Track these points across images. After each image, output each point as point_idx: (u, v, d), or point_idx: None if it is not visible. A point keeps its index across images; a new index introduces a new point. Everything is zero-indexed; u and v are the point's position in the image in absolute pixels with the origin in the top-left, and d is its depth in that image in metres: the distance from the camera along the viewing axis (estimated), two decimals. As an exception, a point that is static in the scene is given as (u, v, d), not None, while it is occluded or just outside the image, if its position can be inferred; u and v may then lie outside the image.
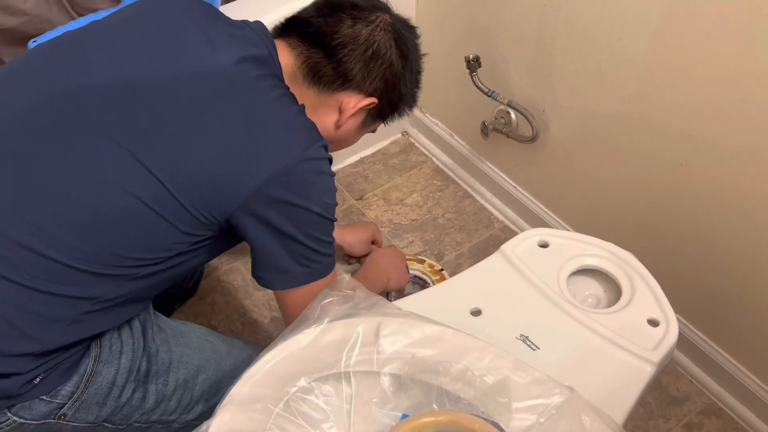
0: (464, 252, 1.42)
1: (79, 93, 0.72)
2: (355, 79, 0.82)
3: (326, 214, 0.77)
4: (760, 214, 0.94)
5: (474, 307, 0.85)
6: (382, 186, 1.56)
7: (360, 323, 0.72)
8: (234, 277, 1.37)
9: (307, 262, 0.79)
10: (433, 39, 1.45)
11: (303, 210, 0.74)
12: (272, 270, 0.79)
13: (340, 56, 0.80)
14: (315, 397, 0.68)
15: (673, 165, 1.03)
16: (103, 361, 0.77)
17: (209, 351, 0.89)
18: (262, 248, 0.76)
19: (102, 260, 0.71)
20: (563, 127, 1.22)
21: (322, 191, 0.76)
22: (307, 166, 0.73)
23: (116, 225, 0.70)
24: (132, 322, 0.83)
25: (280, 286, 0.80)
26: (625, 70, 1.03)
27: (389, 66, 0.83)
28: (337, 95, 0.83)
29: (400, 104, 0.90)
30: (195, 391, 0.86)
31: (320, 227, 0.78)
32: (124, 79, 0.73)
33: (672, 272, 1.11)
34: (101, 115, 0.71)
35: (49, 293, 0.69)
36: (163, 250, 0.74)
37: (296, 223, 0.75)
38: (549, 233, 0.94)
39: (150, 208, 0.70)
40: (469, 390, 0.67)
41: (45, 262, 0.68)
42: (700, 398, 1.18)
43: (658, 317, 0.83)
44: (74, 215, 0.69)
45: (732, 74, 0.88)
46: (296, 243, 0.76)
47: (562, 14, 1.09)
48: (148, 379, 0.81)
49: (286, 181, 0.72)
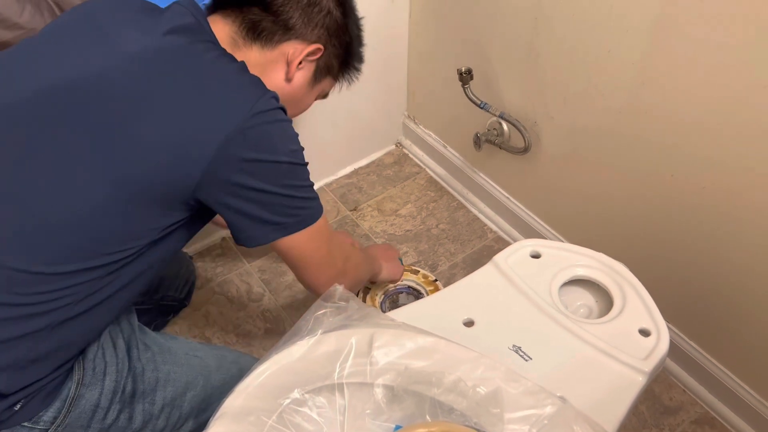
0: (458, 262, 1.42)
1: (30, 99, 0.71)
2: (295, 27, 0.81)
3: (295, 160, 0.75)
4: (750, 223, 0.95)
5: (467, 318, 0.85)
6: (376, 197, 1.57)
7: (353, 334, 0.72)
8: (228, 288, 1.38)
9: (293, 210, 0.77)
10: (426, 52, 1.46)
11: (270, 164, 0.72)
12: (260, 225, 0.76)
13: (277, 6, 0.80)
14: (308, 408, 0.68)
15: (664, 176, 1.04)
16: (86, 384, 0.76)
17: (197, 367, 0.87)
18: (241, 212, 0.74)
19: (70, 260, 0.69)
20: (555, 139, 1.23)
21: (284, 139, 0.74)
22: (260, 119, 0.71)
23: (84, 222, 0.69)
24: (116, 341, 0.81)
25: (273, 236, 0.77)
26: (616, 82, 1.04)
27: (328, 13, 0.83)
28: (280, 47, 0.81)
29: (348, 57, 0.89)
30: (183, 409, 0.85)
31: (294, 175, 0.76)
32: (65, 79, 0.72)
33: (664, 282, 1.12)
34: (49, 117, 0.70)
35: (10, 305, 0.68)
36: (135, 239, 0.72)
37: (268, 179, 0.73)
38: (541, 244, 0.95)
39: (115, 199, 0.69)
40: (461, 401, 0.67)
41: (7, 272, 0.67)
42: (693, 408, 1.18)
43: (649, 327, 0.83)
44: (41, 220, 0.68)
45: (721, 86, 0.89)
46: (275, 196, 0.74)
47: (553, 27, 1.10)
48: (134, 399, 0.80)
49: (243, 138, 0.69)
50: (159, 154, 0.69)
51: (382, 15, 1.39)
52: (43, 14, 1.20)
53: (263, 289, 1.38)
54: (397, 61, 1.52)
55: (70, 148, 0.69)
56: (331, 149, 1.57)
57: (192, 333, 1.29)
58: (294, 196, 0.76)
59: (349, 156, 1.65)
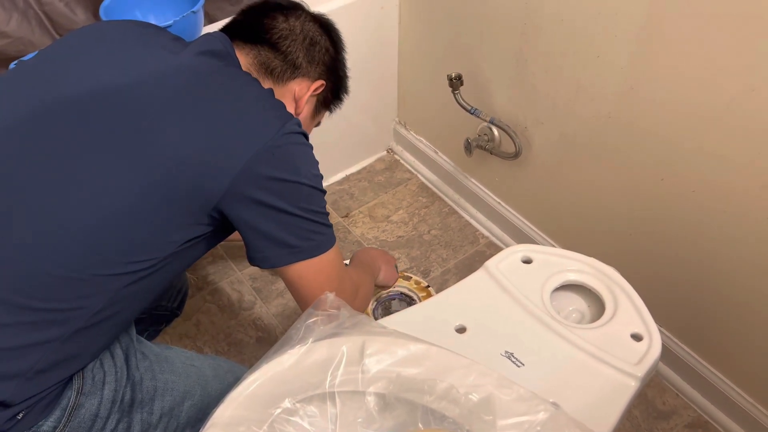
0: (450, 268, 1.42)
1: (52, 108, 0.73)
2: (301, 66, 0.87)
3: (316, 185, 0.78)
4: (740, 226, 0.96)
5: (459, 325, 0.85)
6: (368, 203, 1.57)
7: (344, 342, 0.72)
8: (219, 297, 1.37)
9: (309, 234, 0.78)
10: (416, 58, 1.47)
11: (293, 184, 0.75)
12: (275, 246, 0.77)
13: (284, 47, 0.86)
14: (300, 418, 0.68)
15: (654, 179, 1.05)
16: (85, 393, 0.75)
17: (194, 376, 0.87)
18: (259, 231, 0.75)
19: (93, 266, 0.70)
20: (545, 144, 1.23)
21: (308, 163, 0.77)
22: (289, 139, 0.74)
23: (111, 229, 0.70)
24: (114, 351, 0.81)
25: (287, 260, 0.78)
26: (604, 87, 1.04)
27: (326, 51, 0.90)
28: (288, 85, 0.87)
29: (339, 90, 0.96)
30: (181, 419, 0.85)
31: (313, 199, 0.78)
32: (94, 89, 0.73)
33: (655, 286, 1.12)
34: (78, 126, 0.71)
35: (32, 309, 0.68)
36: (157, 250, 0.73)
37: (289, 199, 0.74)
38: (532, 249, 0.94)
39: (142, 208, 0.70)
40: (454, 408, 0.67)
41: (42, 276, 0.68)
42: (686, 412, 1.18)
43: (641, 332, 0.83)
44: (69, 225, 0.69)
45: (709, 89, 0.90)
46: (293, 217, 0.75)
47: (542, 33, 1.10)
48: (133, 408, 0.79)
49: (271, 156, 0.72)
50: (188, 165, 0.70)
51: (372, 22, 1.40)
52: (30, 23, 1.19)
53: (255, 297, 1.37)
54: (387, 67, 1.52)
55: (102, 155, 0.70)
56: (322, 156, 1.54)
57: (183, 343, 1.28)
58: (312, 219, 0.77)
59: (341, 162, 1.65)
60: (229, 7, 1.35)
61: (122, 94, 0.73)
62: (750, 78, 0.84)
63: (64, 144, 0.71)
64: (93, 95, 0.73)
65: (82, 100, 0.73)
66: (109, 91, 0.73)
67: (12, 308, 0.68)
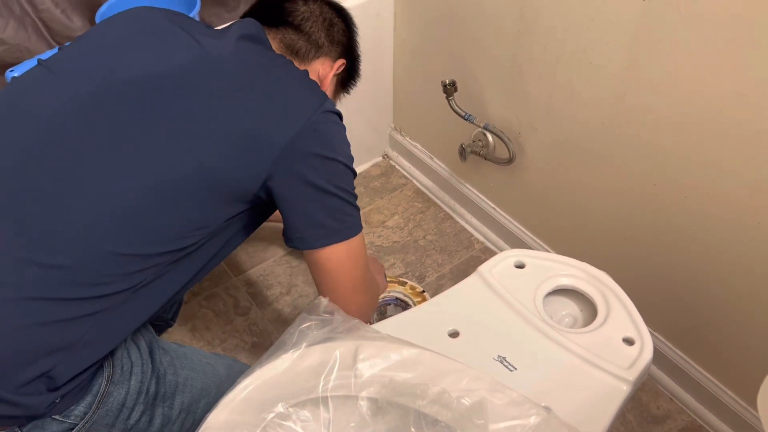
0: (445, 273, 1.43)
1: (112, 90, 0.76)
2: (324, 45, 0.92)
3: (350, 165, 0.81)
4: (732, 231, 0.96)
5: (452, 329, 0.85)
6: (363, 208, 1.57)
7: (338, 347, 0.72)
8: (215, 302, 1.37)
9: (341, 215, 0.80)
10: (411, 64, 1.48)
11: (332, 161, 0.78)
12: (310, 227, 0.79)
13: (307, 28, 0.90)
14: (293, 422, 0.68)
15: (647, 185, 1.05)
16: (115, 382, 0.77)
17: (211, 375, 0.89)
18: (298, 206, 0.78)
19: (148, 242, 0.72)
20: (539, 149, 1.24)
21: (343, 143, 0.81)
22: (328, 117, 0.79)
23: (161, 204, 0.72)
24: (139, 343, 0.82)
25: (321, 242, 0.80)
26: (598, 93, 1.05)
27: (342, 32, 0.95)
28: (313, 64, 0.92)
29: (355, 71, 1.00)
30: (197, 416, 0.85)
31: (347, 179, 0.81)
32: (149, 72, 0.77)
33: (648, 291, 1.12)
34: (137, 105, 0.75)
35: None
36: (202, 227, 0.76)
37: (328, 176, 0.78)
38: (525, 254, 0.95)
39: (192, 185, 0.73)
40: (446, 413, 0.67)
41: (104, 253, 0.70)
42: (680, 416, 1.19)
43: (633, 336, 0.84)
44: (123, 202, 0.71)
45: (704, 97, 0.91)
46: (330, 196, 0.78)
47: (536, 40, 1.11)
48: (156, 401, 0.81)
49: (314, 132, 0.76)
50: (237, 142, 0.74)
51: (368, 28, 1.40)
52: (27, 30, 1.20)
53: (250, 303, 1.37)
54: (382, 73, 1.53)
55: (153, 135, 0.73)
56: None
57: (178, 348, 1.28)
58: (344, 199, 0.80)
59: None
60: (225, 13, 1.36)
61: (176, 79, 0.76)
62: (739, 84, 0.85)
63: (127, 125, 0.74)
64: (151, 77, 0.76)
65: (140, 83, 0.76)
66: (163, 76, 0.76)
67: (74, 284, 0.70)
